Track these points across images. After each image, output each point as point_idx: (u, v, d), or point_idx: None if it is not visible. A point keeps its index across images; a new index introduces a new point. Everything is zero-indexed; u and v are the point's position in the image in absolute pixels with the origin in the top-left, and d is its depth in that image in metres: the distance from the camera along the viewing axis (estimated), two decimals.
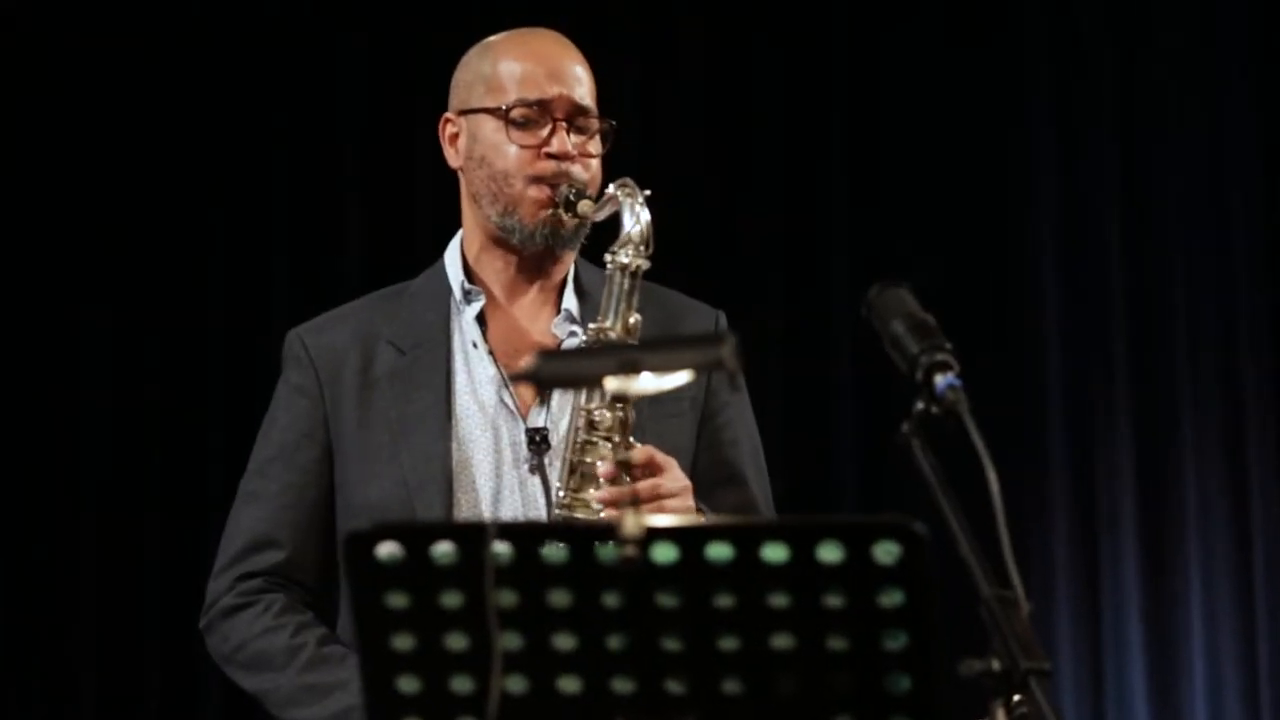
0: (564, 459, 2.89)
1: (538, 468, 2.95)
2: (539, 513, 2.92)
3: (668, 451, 2.88)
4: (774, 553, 1.76)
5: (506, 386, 3.00)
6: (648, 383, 1.84)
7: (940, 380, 2.04)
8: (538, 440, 2.95)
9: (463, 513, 2.93)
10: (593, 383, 1.87)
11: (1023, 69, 5.49)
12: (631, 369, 1.84)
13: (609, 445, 2.86)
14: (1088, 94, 5.45)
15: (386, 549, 1.80)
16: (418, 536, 1.80)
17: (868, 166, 5.50)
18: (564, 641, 1.80)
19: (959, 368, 2.05)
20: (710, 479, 3.03)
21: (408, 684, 1.82)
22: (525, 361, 2.01)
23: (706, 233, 5.30)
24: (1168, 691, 5.25)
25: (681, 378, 1.87)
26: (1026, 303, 5.43)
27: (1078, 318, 5.40)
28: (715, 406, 3.07)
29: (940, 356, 2.06)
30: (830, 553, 1.76)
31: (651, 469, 2.80)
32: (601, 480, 2.84)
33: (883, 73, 5.53)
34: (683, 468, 2.91)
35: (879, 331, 2.14)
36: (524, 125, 3.00)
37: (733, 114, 5.50)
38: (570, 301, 3.05)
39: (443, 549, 1.79)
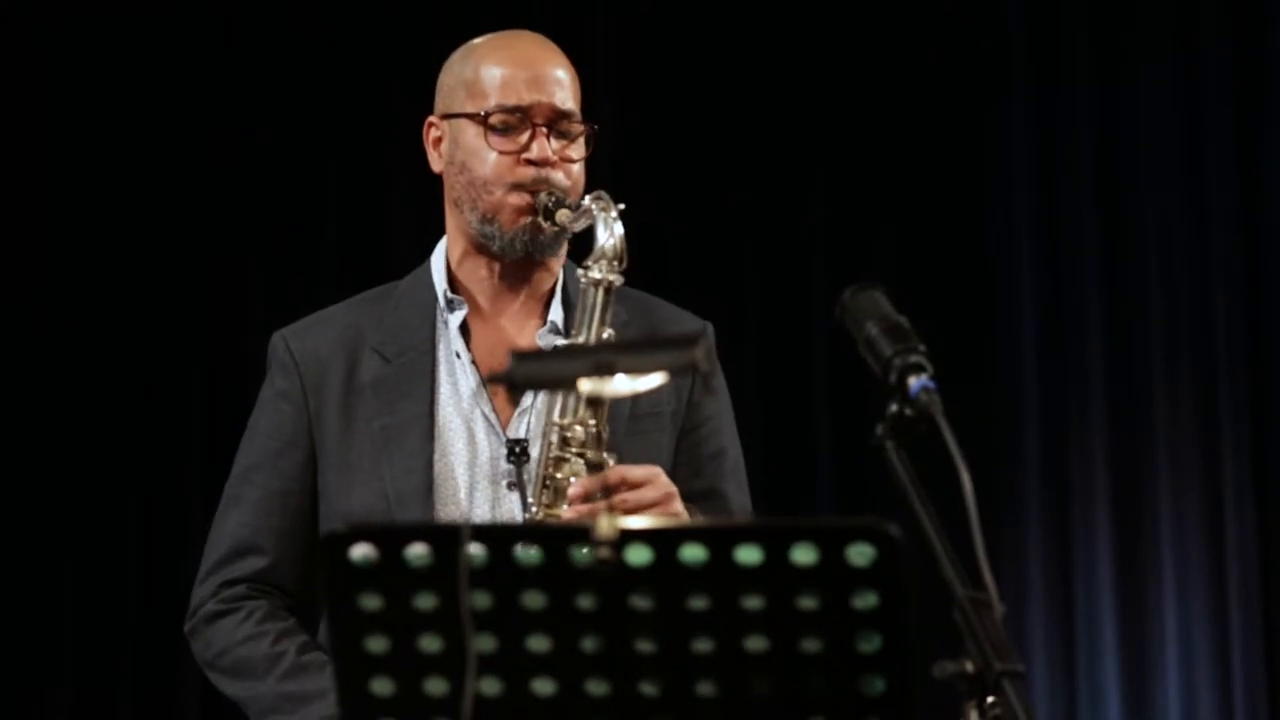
0: (536, 474, 2.87)
1: (516, 483, 2.93)
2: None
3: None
4: (748, 555, 1.76)
5: (488, 399, 2.98)
6: (622, 385, 1.84)
7: (914, 382, 2.04)
8: (517, 453, 2.92)
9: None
10: (567, 384, 1.87)
11: (1002, 71, 5.50)
12: (605, 370, 1.84)
13: (582, 461, 2.84)
14: (1064, 98, 5.47)
15: (361, 551, 1.79)
16: (392, 538, 1.79)
17: (844, 168, 5.50)
18: (538, 644, 1.79)
19: (933, 370, 2.06)
20: (690, 492, 3.00)
21: (381, 686, 1.82)
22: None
23: (682, 237, 5.30)
24: (1141, 693, 5.26)
25: (656, 380, 1.87)
26: (1001, 305, 5.44)
27: (1053, 319, 5.41)
28: (697, 419, 3.06)
29: (914, 359, 2.06)
30: (804, 555, 1.76)
31: (629, 487, 2.78)
32: (570, 499, 2.82)
33: (860, 79, 5.54)
34: None
35: (853, 334, 2.14)
36: (504, 131, 2.98)
37: (708, 115, 5.50)
38: (556, 313, 3.03)
39: (417, 551, 1.79)
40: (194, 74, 5.40)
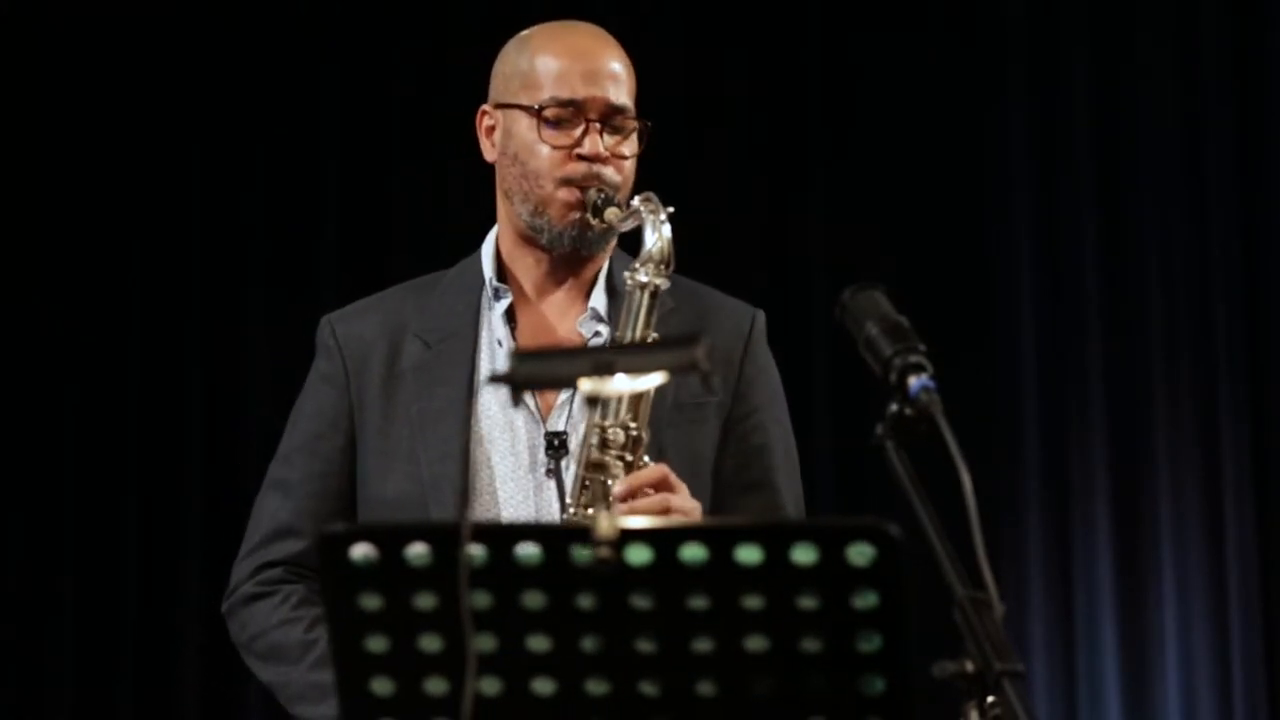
0: (576, 475, 2.85)
1: (554, 472, 2.91)
2: (553, 518, 2.89)
3: (688, 460, 2.88)
4: (748, 554, 1.76)
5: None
6: (622, 384, 1.84)
7: (914, 382, 2.04)
8: (556, 445, 2.91)
9: (478, 513, 2.91)
10: (566, 384, 1.86)
11: (1001, 71, 5.50)
12: (606, 370, 1.83)
13: (620, 464, 2.81)
14: (1064, 98, 5.47)
15: (360, 550, 1.79)
16: (392, 538, 1.79)
17: (844, 168, 5.50)
18: (538, 643, 1.79)
19: (933, 370, 2.06)
20: (738, 483, 2.99)
21: (381, 686, 1.82)
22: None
23: (681, 235, 5.29)
24: (1141, 693, 5.26)
25: (657, 379, 1.87)
26: (1001, 305, 5.44)
27: (1052, 319, 5.41)
28: (744, 410, 3.03)
29: (914, 359, 2.06)
30: (805, 554, 1.76)
31: (664, 489, 2.77)
32: (612, 499, 2.80)
33: (858, 76, 5.54)
34: (703, 477, 2.91)
35: (853, 334, 2.13)
36: (557, 124, 2.96)
37: (708, 115, 5.50)
38: (599, 300, 3.01)
39: (416, 550, 1.79)
40: (194, 74, 5.41)
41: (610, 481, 2.81)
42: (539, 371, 1.95)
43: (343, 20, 5.48)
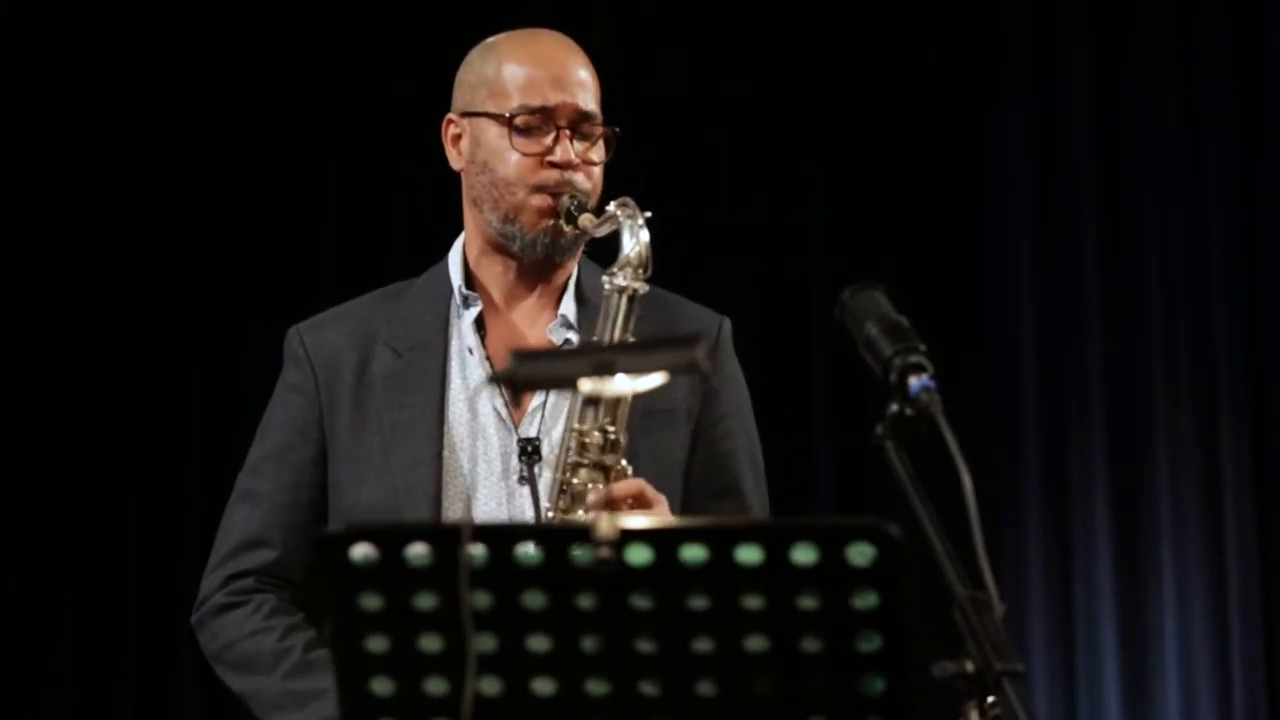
0: (554, 479, 2.86)
1: (527, 478, 2.92)
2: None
3: (659, 466, 2.89)
4: (748, 554, 1.76)
5: (500, 394, 2.98)
6: (621, 385, 1.84)
7: (914, 382, 2.04)
8: (529, 451, 2.92)
9: (450, 520, 2.92)
10: (567, 384, 1.87)
11: (1001, 71, 5.50)
12: (605, 370, 1.84)
13: (599, 468, 2.83)
14: (1064, 98, 5.47)
15: (361, 551, 1.79)
16: (392, 538, 1.79)
17: (844, 168, 5.50)
18: (538, 643, 1.79)
19: (933, 369, 2.06)
20: (706, 490, 3.01)
21: (382, 686, 1.82)
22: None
23: (681, 235, 5.30)
24: (1141, 693, 5.26)
25: (656, 379, 1.87)
26: (1000, 305, 5.44)
27: (1052, 319, 5.42)
28: (712, 417, 3.04)
29: (914, 359, 2.06)
30: (805, 554, 1.76)
31: (639, 504, 2.79)
32: (589, 504, 2.81)
33: (858, 76, 5.54)
34: (674, 482, 2.92)
35: (853, 334, 2.14)
36: (527, 132, 2.96)
37: (707, 115, 5.50)
38: (568, 307, 3.02)
39: (417, 551, 1.79)
40: (194, 74, 5.41)
41: (590, 485, 2.82)
42: (539, 372, 1.95)
43: (343, 20, 5.49)
